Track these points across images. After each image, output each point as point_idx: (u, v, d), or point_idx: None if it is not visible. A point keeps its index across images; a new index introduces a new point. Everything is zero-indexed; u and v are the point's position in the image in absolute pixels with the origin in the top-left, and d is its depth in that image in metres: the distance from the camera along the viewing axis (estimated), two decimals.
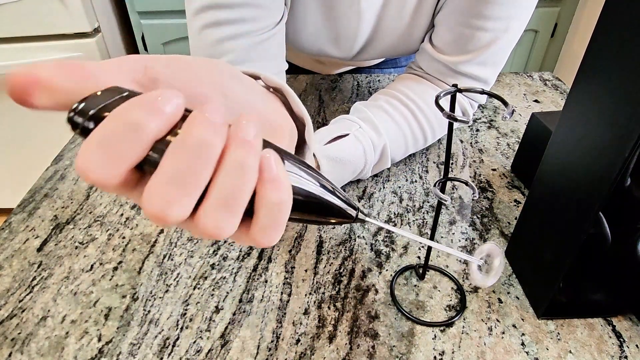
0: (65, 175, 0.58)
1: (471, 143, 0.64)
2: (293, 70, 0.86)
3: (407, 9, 0.58)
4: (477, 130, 0.67)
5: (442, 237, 0.49)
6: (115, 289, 0.43)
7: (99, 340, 0.38)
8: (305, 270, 0.45)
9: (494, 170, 0.59)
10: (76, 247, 0.47)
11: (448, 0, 0.54)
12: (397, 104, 0.58)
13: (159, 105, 0.18)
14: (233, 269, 0.45)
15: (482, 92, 0.32)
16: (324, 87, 0.77)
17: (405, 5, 0.57)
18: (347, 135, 0.52)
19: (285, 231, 0.49)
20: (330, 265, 0.45)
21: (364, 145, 0.52)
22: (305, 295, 0.42)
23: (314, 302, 0.42)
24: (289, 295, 0.42)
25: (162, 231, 0.49)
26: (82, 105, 0.18)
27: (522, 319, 0.40)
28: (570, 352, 0.38)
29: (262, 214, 0.20)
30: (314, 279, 0.44)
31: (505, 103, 0.30)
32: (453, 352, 0.38)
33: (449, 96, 0.33)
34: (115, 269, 0.45)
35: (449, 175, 0.36)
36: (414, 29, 0.60)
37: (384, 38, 0.63)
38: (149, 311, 0.41)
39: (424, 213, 0.52)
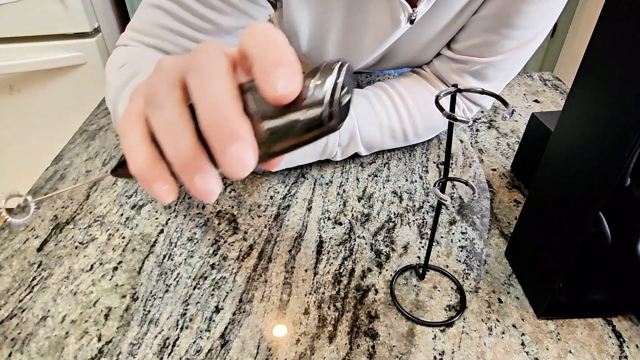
0: (65, 175, 0.58)
1: (471, 143, 0.64)
2: None
3: (427, 36, 0.56)
4: (477, 130, 0.67)
5: (442, 237, 0.49)
6: (115, 289, 0.43)
7: (99, 340, 0.39)
8: (305, 270, 0.45)
9: (494, 170, 0.59)
10: (76, 247, 0.47)
11: (478, 9, 0.52)
12: (381, 93, 0.57)
13: None
14: (233, 269, 0.45)
15: (482, 92, 0.32)
16: None
17: (426, 34, 0.55)
18: None
19: (285, 231, 0.49)
20: (330, 265, 0.45)
21: None
22: (305, 295, 0.42)
23: (314, 302, 0.42)
24: (289, 295, 0.42)
25: (162, 231, 0.49)
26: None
27: (522, 319, 0.40)
28: (570, 352, 0.38)
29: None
30: (314, 279, 0.44)
31: (505, 103, 0.30)
32: (453, 352, 0.38)
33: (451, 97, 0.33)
34: (115, 269, 0.45)
35: (449, 175, 0.36)
36: (430, 50, 0.59)
37: (395, 60, 0.62)
38: (149, 311, 0.41)
39: (424, 213, 0.52)
